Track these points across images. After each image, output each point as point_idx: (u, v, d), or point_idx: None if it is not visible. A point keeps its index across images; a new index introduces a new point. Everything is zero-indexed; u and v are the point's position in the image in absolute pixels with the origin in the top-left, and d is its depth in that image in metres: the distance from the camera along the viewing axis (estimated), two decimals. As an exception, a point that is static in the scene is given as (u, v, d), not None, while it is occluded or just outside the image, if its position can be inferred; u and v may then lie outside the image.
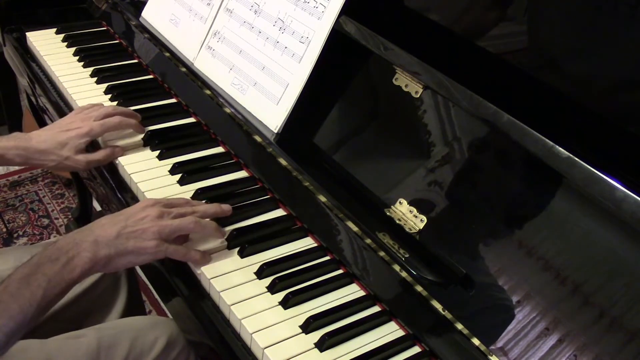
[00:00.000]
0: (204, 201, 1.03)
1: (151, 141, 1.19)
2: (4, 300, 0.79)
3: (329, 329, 0.87)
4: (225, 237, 1.00)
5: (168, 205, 0.95)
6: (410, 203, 0.95)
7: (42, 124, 1.65)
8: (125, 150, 1.17)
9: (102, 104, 1.20)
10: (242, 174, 1.15)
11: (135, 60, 1.44)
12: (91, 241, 0.86)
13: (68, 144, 1.10)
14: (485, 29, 0.98)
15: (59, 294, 0.83)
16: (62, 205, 2.34)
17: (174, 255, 0.92)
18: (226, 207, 1.00)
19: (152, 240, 0.89)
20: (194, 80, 1.28)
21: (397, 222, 0.95)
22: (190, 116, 1.28)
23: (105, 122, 1.14)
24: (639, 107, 0.83)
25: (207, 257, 0.95)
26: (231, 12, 1.24)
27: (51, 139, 1.10)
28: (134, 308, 1.27)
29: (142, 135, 1.20)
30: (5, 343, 0.79)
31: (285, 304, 0.90)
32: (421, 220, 0.93)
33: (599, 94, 0.87)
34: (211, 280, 0.93)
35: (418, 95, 0.98)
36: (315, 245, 1.02)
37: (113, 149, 1.14)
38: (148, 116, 1.25)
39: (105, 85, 1.34)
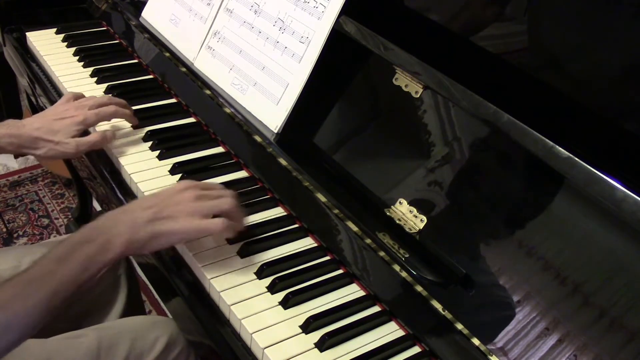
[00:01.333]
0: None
1: (151, 141, 1.19)
2: (41, 278, 0.79)
3: (329, 329, 0.87)
4: (225, 238, 1.00)
5: (204, 187, 0.95)
6: (410, 203, 0.95)
7: (42, 124, 1.65)
8: (123, 147, 1.16)
9: (95, 96, 1.20)
10: (242, 174, 1.15)
11: (135, 60, 1.44)
12: (128, 223, 0.86)
13: (61, 131, 1.09)
14: (485, 29, 0.98)
15: (93, 275, 0.83)
16: (62, 205, 2.34)
17: (211, 229, 0.91)
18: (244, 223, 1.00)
19: (186, 220, 0.89)
20: (194, 80, 1.28)
21: (397, 222, 0.95)
22: (190, 116, 1.28)
23: (100, 111, 1.13)
24: (639, 107, 0.83)
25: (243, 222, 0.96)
26: (231, 12, 1.24)
27: (44, 127, 1.09)
28: (134, 308, 1.27)
29: (142, 135, 1.20)
30: (40, 321, 0.78)
31: (285, 304, 0.90)
32: (421, 220, 0.93)
33: (599, 93, 0.87)
34: (211, 281, 0.93)
35: (418, 95, 0.98)
36: (315, 245, 1.02)
37: (104, 132, 1.13)
38: (148, 116, 1.25)
39: (105, 85, 1.34)
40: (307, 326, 0.87)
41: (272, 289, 0.92)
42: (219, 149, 1.21)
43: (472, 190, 0.91)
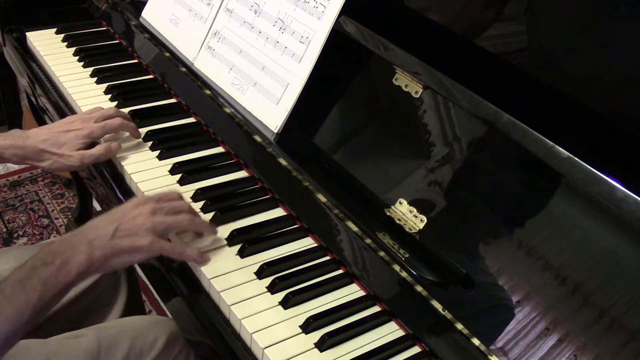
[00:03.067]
0: (202, 202, 1.04)
1: (151, 141, 1.19)
2: (1, 303, 0.78)
3: (329, 329, 0.87)
4: (225, 237, 1.00)
5: (161, 200, 0.94)
6: (410, 203, 0.95)
7: (42, 124, 1.64)
8: (123, 147, 1.16)
9: (101, 107, 1.19)
10: (242, 174, 1.15)
11: (135, 60, 1.44)
12: (86, 243, 0.86)
13: (66, 144, 1.09)
14: (485, 29, 0.98)
15: (55, 297, 0.83)
16: (62, 205, 2.34)
17: (170, 253, 0.92)
18: (215, 230, 0.99)
19: (147, 238, 0.89)
20: (194, 80, 1.28)
21: (397, 222, 0.95)
22: (190, 116, 1.28)
23: (106, 124, 1.13)
24: (639, 107, 0.83)
25: (204, 256, 0.95)
26: (231, 12, 1.24)
27: (49, 139, 1.09)
28: (133, 308, 1.27)
29: (142, 135, 1.20)
30: (3, 345, 0.79)
31: (285, 304, 0.90)
32: (421, 220, 0.93)
33: (599, 94, 0.87)
34: (211, 280, 0.93)
35: (418, 95, 0.98)
36: (315, 245, 1.02)
37: (109, 144, 1.13)
38: (148, 116, 1.25)
39: (105, 85, 1.34)
40: (307, 326, 0.87)
41: (272, 289, 0.92)
42: (219, 149, 1.20)
43: (472, 191, 0.91)
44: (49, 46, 1.46)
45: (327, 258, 0.99)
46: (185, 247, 0.94)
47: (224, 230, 1.01)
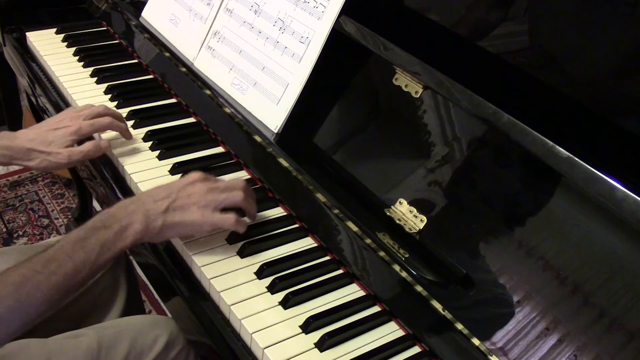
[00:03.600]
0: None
1: (151, 141, 1.19)
2: (60, 259, 0.82)
3: (329, 329, 0.87)
4: (225, 237, 1.00)
5: (215, 180, 0.98)
6: (410, 203, 0.95)
7: (42, 124, 1.65)
8: (122, 147, 1.16)
9: (93, 105, 1.18)
10: (242, 174, 1.15)
11: (135, 60, 1.44)
12: (143, 212, 0.90)
13: (54, 142, 1.09)
14: (485, 29, 0.98)
15: (109, 260, 0.87)
16: (62, 205, 2.34)
17: (223, 223, 0.94)
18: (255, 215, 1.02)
19: (199, 213, 0.92)
20: (194, 80, 1.28)
21: (397, 222, 0.95)
22: (190, 116, 1.28)
23: (95, 122, 1.12)
24: (639, 107, 0.83)
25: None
26: (231, 12, 1.24)
27: (37, 138, 1.09)
28: (133, 307, 1.27)
29: (142, 135, 1.20)
30: (58, 300, 0.83)
31: (285, 304, 0.90)
32: (421, 220, 0.93)
33: (598, 93, 0.87)
34: (211, 280, 0.93)
35: (418, 95, 0.98)
36: (315, 245, 1.02)
37: (98, 142, 1.12)
38: (148, 116, 1.25)
39: (105, 85, 1.34)
40: (307, 326, 0.87)
41: (272, 289, 0.92)
42: (219, 149, 1.21)
43: (472, 191, 0.91)
44: (49, 46, 1.46)
45: (327, 258, 1.00)
46: (237, 217, 0.95)
47: (224, 231, 1.01)
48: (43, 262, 0.82)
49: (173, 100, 1.33)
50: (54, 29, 1.52)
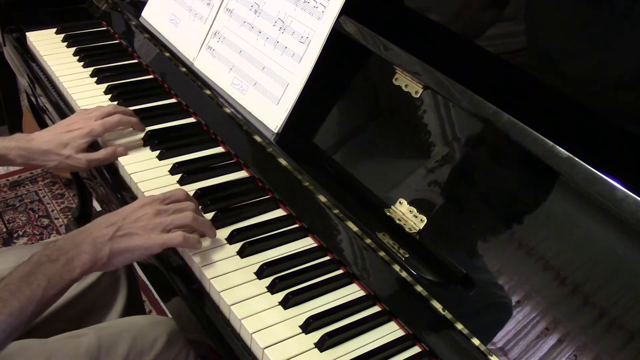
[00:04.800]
0: (202, 202, 1.04)
1: (151, 141, 1.19)
2: (4, 298, 0.80)
3: (329, 329, 0.87)
4: (225, 237, 1.00)
5: (166, 200, 0.96)
6: (410, 203, 0.95)
7: (42, 123, 1.65)
8: (127, 149, 1.17)
9: (102, 106, 1.20)
10: (242, 174, 1.15)
11: (135, 60, 1.44)
12: (90, 242, 0.87)
13: (69, 144, 1.11)
14: (485, 29, 0.98)
15: (58, 293, 0.85)
16: (62, 205, 2.34)
17: (171, 242, 0.92)
18: (214, 233, 1.00)
19: (147, 237, 0.90)
20: (194, 80, 1.28)
21: (397, 222, 0.95)
22: (190, 116, 1.28)
23: (105, 121, 1.15)
24: (639, 107, 0.83)
25: (211, 230, 0.98)
26: (231, 12, 1.24)
27: (53, 140, 1.11)
28: (133, 307, 1.27)
29: (142, 135, 1.20)
30: (4, 340, 0.80)
31: (285, 304, 0.90)
32: (421, 220, 0.93)
33: (598, 93, 0.87)
34: (211, 280, 0.93)
35: (418, 95, 0.98)
36: (315, 245, 1.02)
37: (115, 148, 1.15)
38: (148, 116, 1.25)
39: (105, 85, 1.34)
40: (307, 326, 0.87)
41: (272, 289, 0.92)
42: (219, 149, 1.20)
43: (472, 191, 0.91)
44: (49, 46, 1.46)
45: (327, 258, 0.99)
46: (184, 234, 0.93)
47: (224, 230, 1.01)
48: None
49: (173, 100, 1.33)
50: (54, 29, 1.52)
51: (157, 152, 1.17)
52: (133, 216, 0.92)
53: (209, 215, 1.03)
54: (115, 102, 1.29)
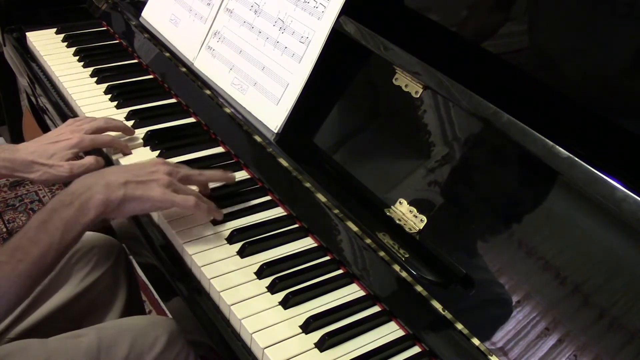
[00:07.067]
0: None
1: (151, 141, 1.19)
2: (24, 246, 0.82)
3: (329, 329, 0.87)
4: (225, 237, 1.00)
5: (178, 166, 1.00)
6: (410, 203, 0.95)
7: (42, 124, 1.65)
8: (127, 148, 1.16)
9: (95, 118, 1.17)
10: (242, 174, 1.15)
11: (135, 60, 1.44)
12: (103, 184, 0.89)
13: (55, 154, 1.08)
14: (485, 29, 0.98)
15: (75, 237, 0.87)
16: (62, 205, 2.33)
17: (182, 203, 0.95)
18: (231, 175, 1.05)
19: (158, 190, 0.93)
20: (194, 80, 1.28)
21: (397, 222, 0.95)
22: (190, 116, 1.28)
23: (96, 138, 1.12)
24: (639, 107, 0.83)
25: (217, 211, 1.00)
26: (231, 12, 1.24)
27: (38, 150, 1.08)
28: (133, 308, 1.27)
29: (142, 135, 1.20)
30: (30, 286, 0.83)
31: (285, 304, 0.90)
32: (421, 220, 0.93)
33: (598, 93, 0.87)
34: (211, 280, 0.93)
35: (418, 95, 0.98)
36: (315, 245, 1.02)
37: (99, 158, 1.11)
38: (148, 116, 1.25)
39: (105, 85, 1.34)
40: (307, 326, 0.87)
41: (272, 289, 0.92)
42: (219, 149, 1.21)
43: (472, 191, 0.91)
44: (49, 46, 1.46)
45: (327, 258, 1.00)
46: (197, 198, 0.96)
47: (224, 231, 1.01)
48: (8, 251, 0.82)
49: (173, 100, 1.33)
50: (54, 29, 1.52)
51: (157, 152, 1.17)
52: (146, 169, 0.95)
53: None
54: (115, 102, 1.29)
